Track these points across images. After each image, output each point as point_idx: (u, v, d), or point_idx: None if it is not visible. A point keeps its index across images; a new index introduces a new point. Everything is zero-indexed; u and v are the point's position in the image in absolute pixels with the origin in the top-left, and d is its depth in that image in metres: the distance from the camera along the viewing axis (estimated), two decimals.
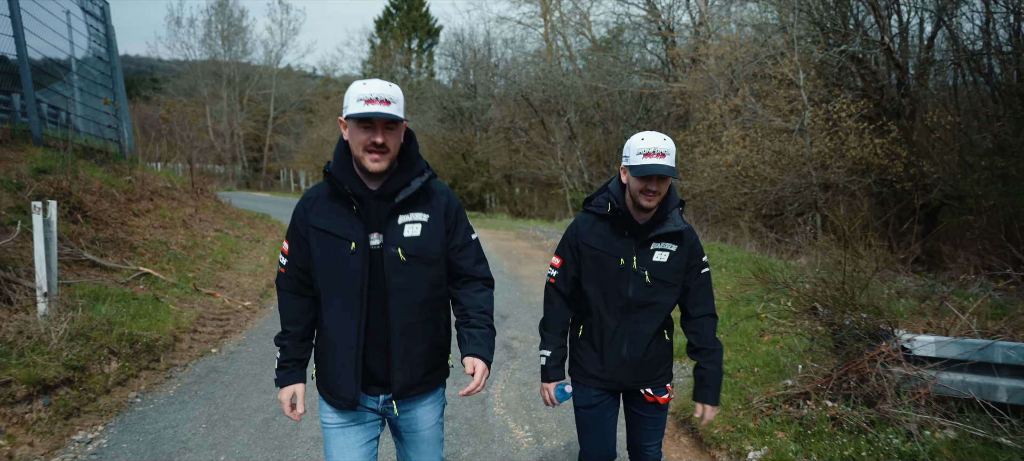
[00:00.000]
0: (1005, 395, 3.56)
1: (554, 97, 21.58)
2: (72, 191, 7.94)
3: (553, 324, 2.62)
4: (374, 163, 2.07)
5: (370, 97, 2.03)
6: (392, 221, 2.14)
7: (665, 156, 2.37)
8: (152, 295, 6.44)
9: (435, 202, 2.22)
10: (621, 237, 2.50)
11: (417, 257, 2.15)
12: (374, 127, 2.06)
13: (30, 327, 4.59)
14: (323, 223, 2.15)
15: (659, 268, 2.49)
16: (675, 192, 2.55)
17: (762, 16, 16.49)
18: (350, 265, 2.11)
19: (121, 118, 13.00)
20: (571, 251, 2.58)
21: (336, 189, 2.14)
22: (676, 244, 2.51)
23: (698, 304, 2.58)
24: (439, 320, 2.26)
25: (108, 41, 12.80)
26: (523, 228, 17.31)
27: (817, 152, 12.35)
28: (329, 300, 2.15)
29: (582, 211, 2.65)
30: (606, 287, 2.51)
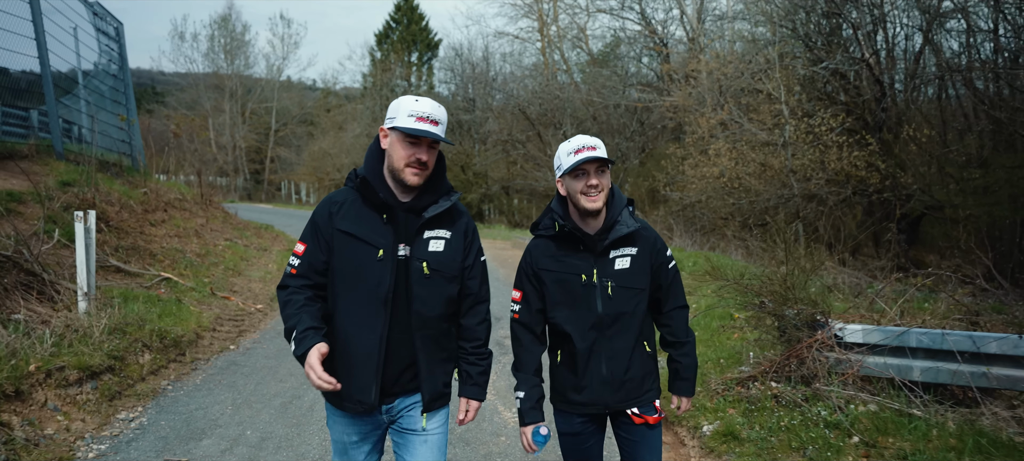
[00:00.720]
0: (918, 374, 4.20)
1: (550, 110, 22.32)
2: (95, 203, 8.61)
3: (525, 364, 2.49)
4: (413, 177, 2.16)
5: (422, 115, 2.14)
6: (419, 236, 2.23)
7: (596, 148, 2.33)
8: (174, 297, 7.09)
9: (459, 222, 2.32)
10: (577, 253, 2.42)
11: (439, 272, 2.24)
12: (420, 144, 2.15)
13: (75, 322, 5.23)
14: (351, 227, 2.19)
15: (623, 276, 2.42)
16: (620, 193, 2.49)
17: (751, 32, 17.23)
18: (376, 271, 2.16)
19: (132, 133, 13.70)
20: (530, 280, 2.49)
21: (369, 196, 2.21)
22: (634, 247, 2.44)
23: (669, 299, 2.54)
24: (450, 338, 2.34)
25: (121, 59, 13.52)
26: (519, 238, 17.99)
27: (799, 164, 13.02)
28: (348, 305, 2.19)
29: (533, 237, 2.56)
30: (574, 308, 2.42)
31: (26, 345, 4.66)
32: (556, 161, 2.43)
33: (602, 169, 2.36)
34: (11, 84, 9.99)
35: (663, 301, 2.54)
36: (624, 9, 25.25)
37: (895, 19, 16.28)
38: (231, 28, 33.08)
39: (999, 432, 3.72)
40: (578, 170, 2.33)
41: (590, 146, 2.33)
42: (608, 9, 25.69)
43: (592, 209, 2.34)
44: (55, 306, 5.57)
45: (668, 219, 16.61)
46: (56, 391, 4.51)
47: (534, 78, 25.22)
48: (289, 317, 2.18)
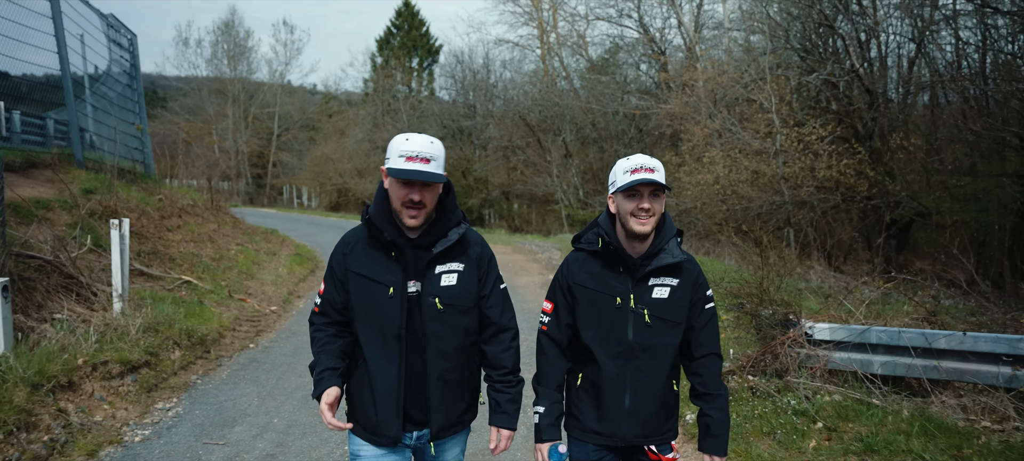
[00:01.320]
0: (878, 368, 4.71)
1: (550, 117, 22.86)
2: (118, 210, 9.12)
3: (548, 377, 2.43)
4: (411, 220, 2.18)
5: (411, 154, 2.13)
6: (430, 271, 2.25)
7: (655, 171, 2.26)
8: (196, 299, 7.60)
9: (471, 252, 2.32)
10: (615, 274, 2.35)
11: (453, 306, 2.26)
12: (413, 185, 2.15)
13: (113, 322, 5.74)
14: (362, 268, 2.25)
15: (660, 306, 2.32)
16: (671, 221, 2.41)
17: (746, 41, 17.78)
18: (388, 309, 2.22)
19: (144, 140, 14.23)
20: (563, 293, 2.43)
21: (375, 236, 2.25)
22: (676, 278, 2.34)
23: (702, 344, 2.39)
24: (473, 363, 2.38)
25: (135, 70, 14.05)
26: (520, 243, 18.51)
27: (790, 172, 13.55)
28: (370, 342, 2.27)
29: (573, 249, 2.52)
30: (604, 330, 2.34)
31: (73, 342, 5.17)
32: (611, 176, 2.38)
33: (657, 193, 2.27)
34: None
35: (693, 345, 2.40)
36: (622, 17, 25.84)
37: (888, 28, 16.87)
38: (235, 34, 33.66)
39: (945, 418, 4.24)
40: (632, 190, 2.26)
41: (648, 168, 2.26)
42: (607, 17, 26.28)
43: (640, 233, 2.27)
44: (92, 307, 6.08)
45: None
46: (101, 383, 5.01)
47: (534, 85, 25.77)
48: (314, 354, 2.32)
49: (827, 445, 4.18)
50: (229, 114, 34.06)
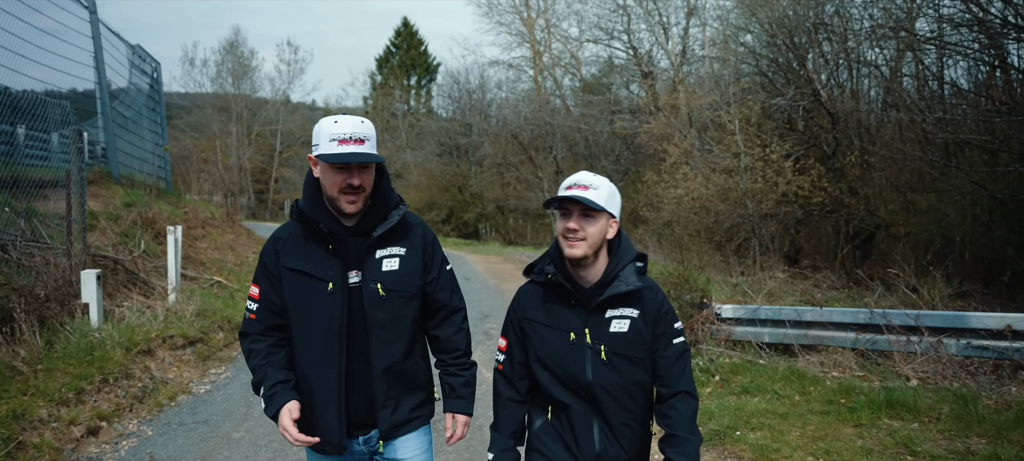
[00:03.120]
0: (767, 337, 6.29)
1: (541, 135, 24.56)
2: (155, 220, 10.72)
3: (502, 422, 2.28)
4: (350, 205, 2.09)
5: (343, 136, 2.04)
6: (370, 256, 2.16)
7: (589, 188, 2.07)
8: (228, 294, 9.17)
9: (412, 236, 2.24)
10: (568, 306, 2.17)
11: (396, 291, 2.17)
12: (349, 168, 2.06)
13: (171, 307, 7.32)
14: (297, 263, 2.15)
15: (618, 341, 2.13)
16: (628, 244, 2.21)
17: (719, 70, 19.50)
18: (327, 306, 2.11)
19: (165, 158, 15.89)
20: (515, 330, 2.27)
21: (310, 228, 2.14)
22: (635, 308, 2.15)
23: (671, 382, 2.16)
24: (417, 354, 2.28)
25: (159, 94, 15.73)
26: (511, 254, 20.12)
27: (755, 188, 15.17)
28: (305, 344, 2.14)
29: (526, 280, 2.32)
30: (560, 370, 2.16)
31: (145, 321, 6.74)
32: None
33: (588, 213, 2.07)
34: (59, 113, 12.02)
35: (660, 385, 2.18)
36: (612, 39, 27.61)
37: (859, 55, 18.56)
38: (239, 54, 35.48)
39: (807, 370, 5.81)
40: (563, 207, 2.11)
41: (581, 185, 2.08)
42: (598, 39, 28.04)
43: (569, 256, 2.10)
44: (152, 296, 7.66)
45: (646, 238, 18.71)
46: (169, 352, 6.58)
47: (527, 104, 27.49)
48: (255, 369, 2.15)
49: (719, 390, 5.76)
50: (233, 131, 35.78)
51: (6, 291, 5.78)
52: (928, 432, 4.46)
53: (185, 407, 5.68)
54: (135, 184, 12.99)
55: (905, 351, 5.42)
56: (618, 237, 2.19)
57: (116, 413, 5.18)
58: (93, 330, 6.10)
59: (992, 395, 4.83)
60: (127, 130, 14.04)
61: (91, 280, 6.34)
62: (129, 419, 5.23)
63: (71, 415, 4.78)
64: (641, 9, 26.23)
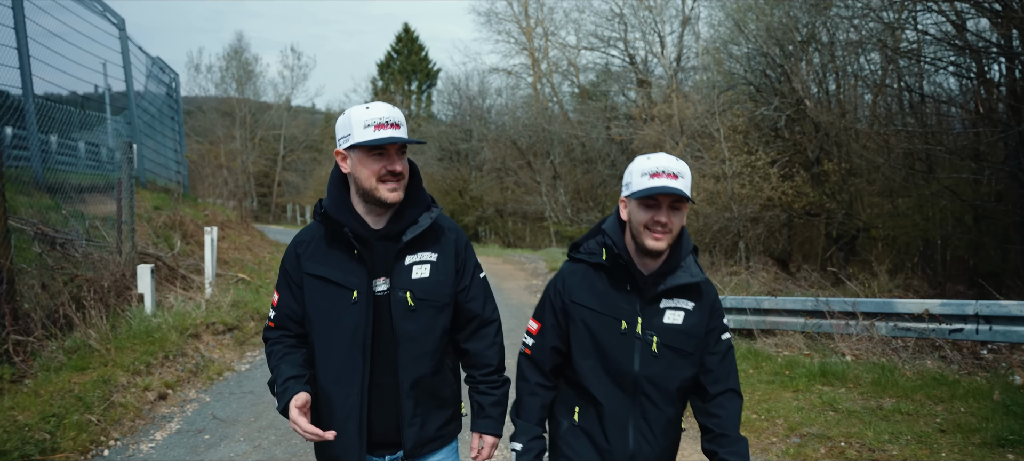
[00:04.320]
0: (732, 323, 7.35)
1: (539, 141, 25.65)
2: (181, 222, 11.77)
3: (528, 409, 2.17)
4: (392, 193, 1.99)
5: (380, 121, 1.94)
6: (399, 263, 2.05)
7: (678, 177, 1.95)
8: (253, 289, 10.22)
9: (444, 240, 2.13)
10: (622, 292, 2.06)
11: (427, 301, 2.06)
12: (388, 154, 1.97)
13: (210, 300, 8.36)
14: (320, 269, 2.05)
15: (671, 333, 2.04)
16: (688, 236, 2.12)
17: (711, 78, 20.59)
18: (351, 316, 2.01)
19: (182, 164, 16.96)
20: (555, 314, 2.15)
21: (334, 231, 2.04)
22: (693, 301, 2.07)
23: (719, 379, 2.09)
24: (447, 368, 2.18)
25: (177, 104, 16.79)
26: (510, 256, 21.18)
27: (741, 193, 16.24)
28: (326, 357, 2.05)
29: (567, 260, 2.22)
30: (605, 360, 2.06)
31: (189, 309, 7.78)
32: (626, 176, 2.08)
33: (677, 206, 2.00)
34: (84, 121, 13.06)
35: (709, 381, 2.11)
36: (609, 46, 28.70)
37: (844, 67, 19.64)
38: (243, 60, 36.56)
39: (764, 350, 6.87)
40: (650, 199, 1.98)
41: (671, 172, 1.97)
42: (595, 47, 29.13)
43: (654, 250, 2.00)
44: (192, 290, 8.70)
45: None
46: (212, 337, 7.62)
47: (526, 111, 28.58)
48: (272, 369, 2.10)
49: None
50: (237, 136, 36.84)
51: (79, 282, 6.83)
52: (851, 394, 5.51)
53: (231, 381, 6.73)
54: (157, 188, 14.05)
55: (844, 333, 6.47)
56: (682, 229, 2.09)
57: (178, 383, 6.23)
58: (149, 317, 7.15)
59: (908, 367, 5.89)
60: (149, 137, 15.09)
61: (146, 273, 7.39)
62: (189, 388, 6.28)
63: (145, 383, 5.83)
64: (636, 19, 27.37)
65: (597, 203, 25.36)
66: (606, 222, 2.15)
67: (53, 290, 6.58)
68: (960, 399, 5.12)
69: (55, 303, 6.46)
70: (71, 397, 5.05)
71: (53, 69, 10.67)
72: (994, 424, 4.62)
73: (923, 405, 5.09)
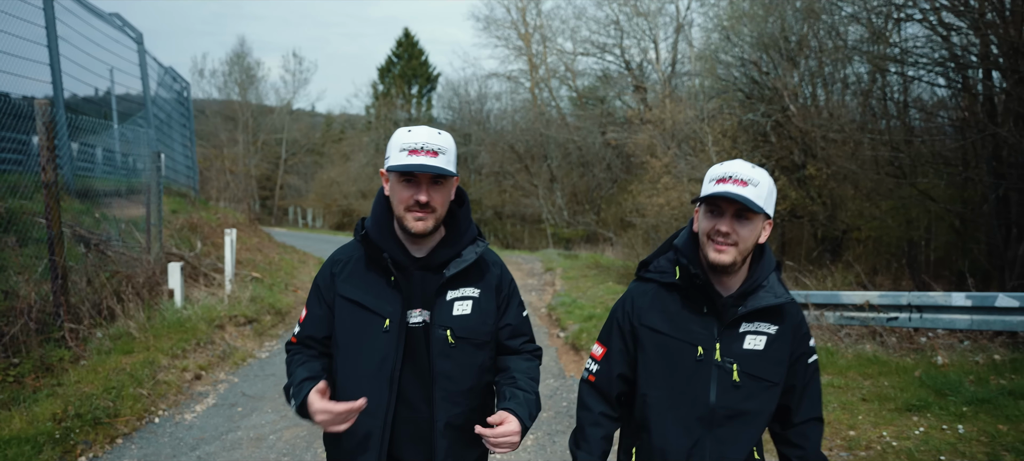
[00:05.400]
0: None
1: (536, 145, 26.59)
2: (198, 224, 12.68)
3: (591, 441, 2.00)
4: (417, 222, 1.92)
5: (415, 146, 1.88)
6: (440, 298, 1.99)
7: (748, 185, 1.79)
8: (267, 287, 11.13)
9: (488, 276, 2.07)
10: (698, 315, 1.90)
11: (467, 340, 2.00)
12: (418, 183, 1.91)
13: (231, 295, 9.27)
14: (354, 293, 2.00)
15: (753, 360, 1.88)
16: (770, 252, 1.96)
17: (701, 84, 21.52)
18: (380, 345, 1.96)
19: (193, 169, 17.89)
20: (623, 337, 1.99)
21: (372, 255, 1.99)
22: (776, 324, 1.91)
23: (803, 408, 1.97)
24: (485, 407, 2.10)
25: (188, 112, 17.72)
26: (508, 256, 22.08)
27: None
28: (350, 384, 1.99)
29: (636, 279, 2.06)
30: (676, 390, 1.90)
31: (213, 303, 8.69)
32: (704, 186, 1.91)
33: (745, 216, 1.82)
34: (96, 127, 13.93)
35: (793, 409, 1.98)
36: (605, 52, 29.63)
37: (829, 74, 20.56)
38: (246, 66, 37.52)
39: None
40: (713, 204, 1.84)
41: (740, 179, 1.81)
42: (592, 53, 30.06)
43: (715, 262, 1.85)
44: (214, 287, 9.62)
45: (635, 240, 20.66)
46: (234, 328, 8.54)
47: (523, 115, 29.53)
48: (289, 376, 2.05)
49: None
50: (239, 139, 37.79)
51: (119, 279, 7.75)
52: None
53: (255, 366, 7.64)
54: (172, 192, 14.96)
55: None
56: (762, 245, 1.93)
57: (209, 366, 7.14)
58: (179, 309, 8.07)
59: (850, 350, 6.79)
60: (164, 144, 16.01)
61: (176, 271, 8.31)
62: (218, 371, 7.19)
63: (182, 365, 6.74)
64: (631, 26, 28.30)
65: (593, 205, 26.28)
66: (678, 237, 2.01)
67: (97, 285, 7.49)
68: (886, 376, 6.03)
69: (99, 296, 7.38)
70: (124, 374, 5.97)
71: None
72: (908, 394, 5.52)
73: (853, 380, 5.99)
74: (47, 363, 5.91)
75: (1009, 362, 6.07)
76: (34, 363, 5.81)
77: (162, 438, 5.26)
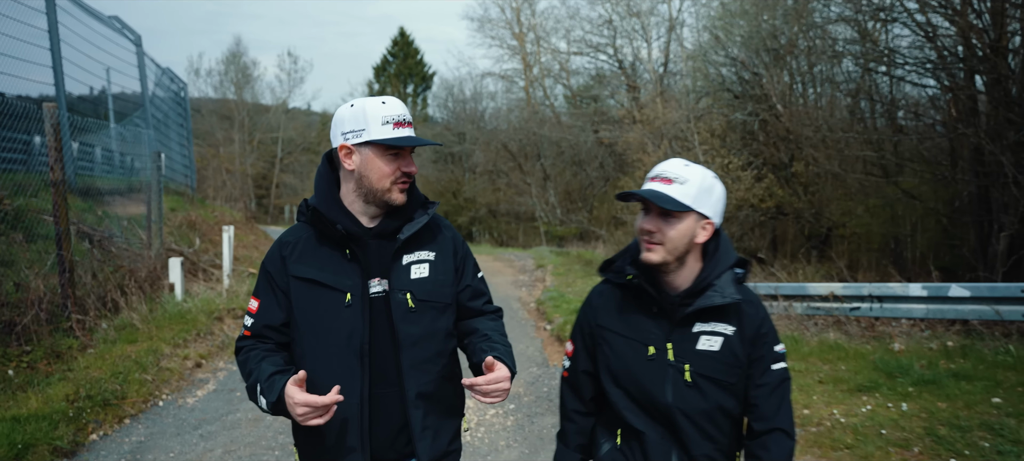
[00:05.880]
0: None
1: (529, 144, 27.03)
2: (195, 222, 13.09)
3: (568, 435, 2.10)
4: (402, 195, 1.94)
5: (397, 119, 1.88)
6: (396, 263, 1.97)
7: (673, 183, 1.81)
8: None
9: (442, 239, 2.07)
10: (649, 315, 1.92)
11: (428, 301, 1.98)
12: (404, 155, 1.92)
13: (228, 289, 9.69)
14: (309, 271, 1.93)
15: (706, 361, 1.87)
16: (727, 246, 1.92)
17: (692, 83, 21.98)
18: (346, 321, 1.91)
19: (191, 167, 18.29)
20: (583, 336, 2.06)
21: (325, 230, 1.93)
22: (732, 325, 1.88)
23: (765, 416, 1.90)
24: (454, 376, 2.09)
25: (186, 111, 18.12)
26: (501, 253, 22.54)
27: None
28: (319, 367, 1.92)
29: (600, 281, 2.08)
30: (635, 388, 1.92)
31: (212, 296, 9.11)
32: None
33: (666, 214, 1.82)
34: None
35: (754, 416, 1.92)
36: (598, 52, 30.07)
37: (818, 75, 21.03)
38: (242, 65, 37.88)
39: None
40: (643, 202, 1.86)
41: (664, 177, 1.84)
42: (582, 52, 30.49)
43: (644, 261, 1.87)
44: (210, 281, 10.03)
45: (625, 240, 21.10)
46: (233, 320, 8.95)
47: (517, 114, 29.98)
48: (249, 373, 1.94)
49: None
50: (235, 138, 38.15)
51: (123, 272, 8.17)
52: None
53: None
54: (170, 191, 15.35)
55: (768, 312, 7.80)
56: (715, 238, 1.92)
57: (209, 355, 7.56)
58: (180, 302, 8.48)
59: (814, 338, 7.23)
60: (162, 144, 16.41)
61: (177, 266, 8.72)
62: (218, 360, 7.61)
63: (183, 354, 7.16)
64: (624, 26, 28.73)
65: (586, 204, 26.72)
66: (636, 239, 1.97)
67: (101, 279, 7.90)
68: (844, 361, 6.47)
69: (103, 290, 7.79)
70: (130, 361, 6.39)
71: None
72: (861, 377, 5.96)
73: (813, 365, 6.43)
74: (57, 350, 6.33)
75: (960, 348, 6.52)
76: (45, 350, 6.23)
77: (166, 419, 5.68)
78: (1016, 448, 4.42)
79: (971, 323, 6.77)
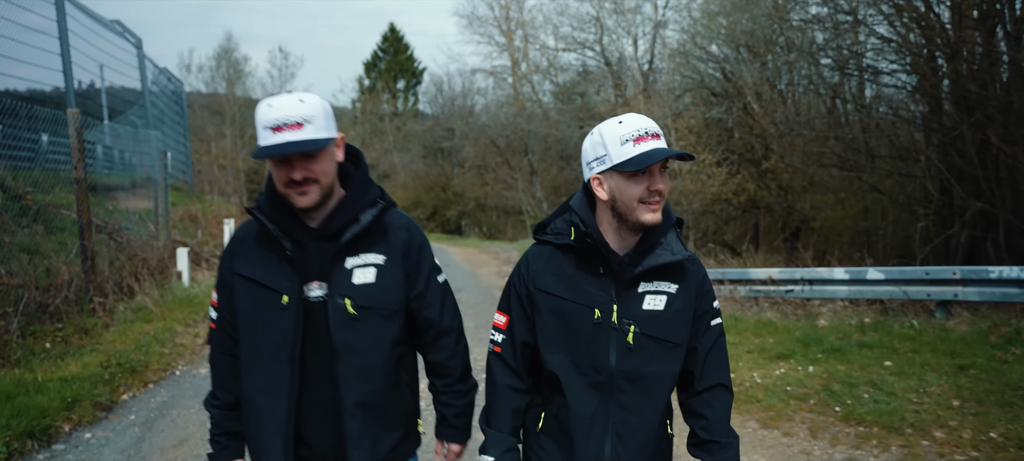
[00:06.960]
0: None
1: (517, 140, 28.06)
2: (196, 216, 14.06)
3: (499, 416, 1.98)
4: (301, 198, 1.83)
5: (277, 123, 1.75)
6: (338, 266, 1.91)
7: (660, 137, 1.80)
8: None
9: (392, 239, 1.97)
10: (594, 276, 1.87)
11: (370, 309, 1.92)
12: (290, 160, 1.79)
13: None
14: (249, 270, 1.93)
15: (653, 321, 1.85)
16: (669, 206, 1.93)
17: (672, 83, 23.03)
18: (278, 323, 1.89)
19: (188, 162, 19.23)
20: (520, 302, 1.96)
21: (265, 229, 1.90)
22: (676, 283, 1.88)
23: (707, 372, 1.92)
24: (402, 383, 2.02)
25: (182, 109, 19.03)
26: (488, 246, 23.61)
27: (690, 189, 18.70)
28: (252, 366, 1.94)
29: (534, 243, 2.01)
30: (576, 354, 1.87)
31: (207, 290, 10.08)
32: (593, 149, 1.84)
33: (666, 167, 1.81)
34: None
35: (696, 374, 1.93)
36: (585, 49, 31.05)
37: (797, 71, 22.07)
38: (233, 60, 38.68)
39: None
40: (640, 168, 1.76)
41: (654, 133, 1.79)
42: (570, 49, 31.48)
43: (652, 223, 1.82)
44: (213, 270, 11.00)
45: None
46: None
47: (506, 110, 30.98)
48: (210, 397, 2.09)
49: None
50: (227, 134, 38.99)
51: (137, 261, 9.15)
52: None
53: None
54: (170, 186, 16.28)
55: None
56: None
57: None
58: (187, 288, 9.48)
59: (753, 318, 8.29)
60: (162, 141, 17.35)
61: (184, 255, 9.71)
62: None
63: (194, 332, 8.16)
64: (611, 23, 29.74)
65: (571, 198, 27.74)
66: (573, 198, 1.95)
67: (117, 266, 8.88)
68: (772, 335, 7.53)
69: (120, 276, 8.77)
70: (148, 337, 7.38)
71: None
72: (783, 347, 7.02)
73: (746, 339, 7.49)
74: (85, 327, 7.32)
75: (873, 324, 7.59)
76: (75, 327, 7.22)
77: (184, 384, 6.69)
78: (888, 398, 5.48)
79: (886, 302, 7.83)
